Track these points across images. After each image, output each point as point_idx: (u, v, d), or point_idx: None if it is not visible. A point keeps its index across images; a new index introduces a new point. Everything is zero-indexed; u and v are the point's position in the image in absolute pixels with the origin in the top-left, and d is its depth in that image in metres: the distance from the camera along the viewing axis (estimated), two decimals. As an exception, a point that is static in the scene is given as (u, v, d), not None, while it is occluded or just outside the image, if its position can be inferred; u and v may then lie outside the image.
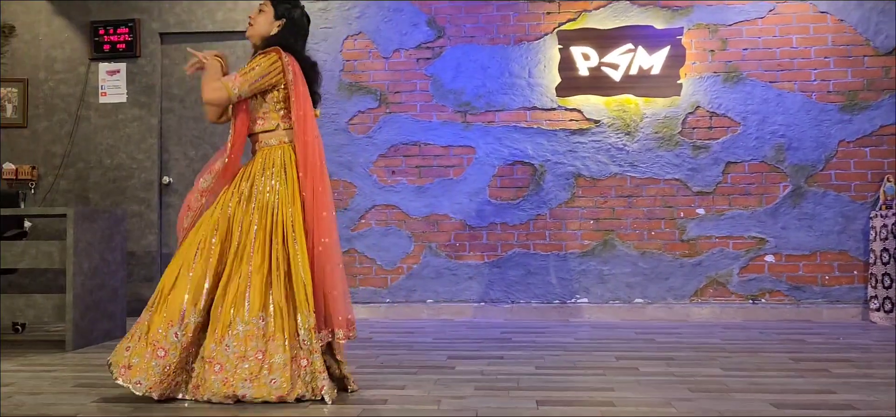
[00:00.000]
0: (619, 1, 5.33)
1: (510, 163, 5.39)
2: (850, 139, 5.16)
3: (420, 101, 5.47)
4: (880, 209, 5.00)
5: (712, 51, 5.27)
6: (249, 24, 3.04)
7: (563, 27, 5.36)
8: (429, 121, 5.45)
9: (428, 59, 5.47)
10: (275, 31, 2.99)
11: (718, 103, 5.26)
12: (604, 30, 5.31)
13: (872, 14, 5.16)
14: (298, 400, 2.70)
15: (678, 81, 5.25)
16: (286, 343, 2.71)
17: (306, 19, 3.10)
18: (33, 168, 5.63)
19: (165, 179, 5.64)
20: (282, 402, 2.67)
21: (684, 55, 5.25)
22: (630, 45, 5.26)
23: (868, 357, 3.65)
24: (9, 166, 5.59)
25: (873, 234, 4.99)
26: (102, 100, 5.67)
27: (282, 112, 2.97)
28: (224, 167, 2.96)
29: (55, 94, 5.70)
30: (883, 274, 4.86)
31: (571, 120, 5.36)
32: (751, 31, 5.24)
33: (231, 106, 2.99)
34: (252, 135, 3.04)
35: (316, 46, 5.51)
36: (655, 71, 5.26)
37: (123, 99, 5.66)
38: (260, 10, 3.02)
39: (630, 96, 5.29)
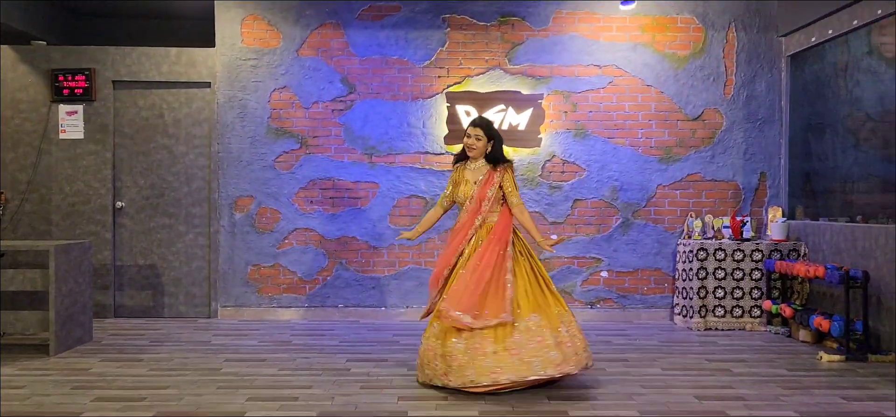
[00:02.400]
0: (494, 70, 6.71)
1: (407, 196, 6.73)
2: (666, 184, 6.74)
3: (334, 145, 6.74)
4: (684, 238, 6.61)
5: (566, 112, 6.73)
6: (472, 148, 4.55)
7: (450, 89, 6.71)
8: (341, 160, 6.73)
9: (341, 110, 6.73)
10: (489, 149, 4.58)
11: (569, 153, 6.73)
12: (482, 92, 6.68)
13: (684, 88, 6.72)
14: None
15: (539, 135, 6.69)
16: None
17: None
18: (1, 193, 6.62)
19: (119, 204, 6.73)
20: None
21: (544, 115, 6.68)
22: (502, 106, 6.66)
23: (761, 357, 5.20)
24: (-21, 191, 6.57)
25: (679, 257, 6.59)
26: (62, 136, 6.69)
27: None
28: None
29: (21, 131, 6.68)
30: (683, 288, 6.48)
31: (455, 163, 6.73)
32: (595, 98, 6.72)
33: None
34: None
35: (248, 96, 6.70)
36: (522, 127, 6.68)
37: (81, 136, 6.69)
38: (477, 139, 4.54)
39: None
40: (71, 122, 6.69)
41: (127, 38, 6.86)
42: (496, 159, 4.59)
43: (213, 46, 6.70)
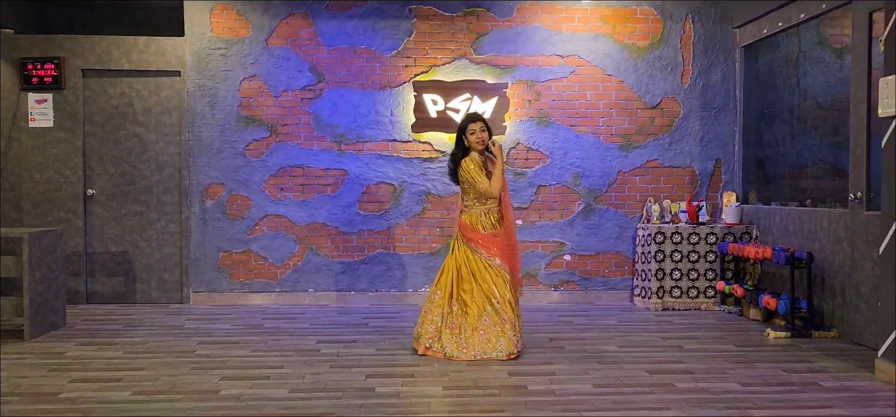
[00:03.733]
0: (460, 60, 6.88)
1: (375, 183, 6.90)
2: (626, 170, 6.99)
3: (304, 132, 6.87)
4: (643, 222, 6.87)
5: (530, 100, 6.94)
6: (481, 141, 4.86)
7: (417, 78, 6.87)
8: (311, 148, 6.87)
9: (310, 98, 6.86)
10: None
11: (533, 141, 6.95)
12: (449, 81, 6.86)
13: (644, 78, 6.96)
14: None
15: (504, 123, 6.88)
16: None
17: None
18: (-29, 181, 6.64)
19: (89, 191, 6.79)
20: None
21: (509, 103, 6.88)
22: (468, 94, 6.84)
23: (713, 334, 5.45)
24: (-51, 179, 6.59)
25: (638, 240, 6.86)
26: (32, 124, 6.72)
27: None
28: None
29: (-11, 119, 6.70)
30: (642, 270, 6.75)
31: (423, 150, 6.91)
32: (558, 87, 6.94)
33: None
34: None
35: (218, 85, 6.80)
36: (487, 115, 6.86)
37: (51, 124, 6.73)
38: (483, 130, 4.89)
39: (468, 133, 6.89)
40: (40, 111, 6.73)
41: (96, 27, 6.89)
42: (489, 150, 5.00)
43: (183, 35, 6.78)
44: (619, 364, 4.56)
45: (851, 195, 5.15)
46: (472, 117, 5.02)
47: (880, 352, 4.30)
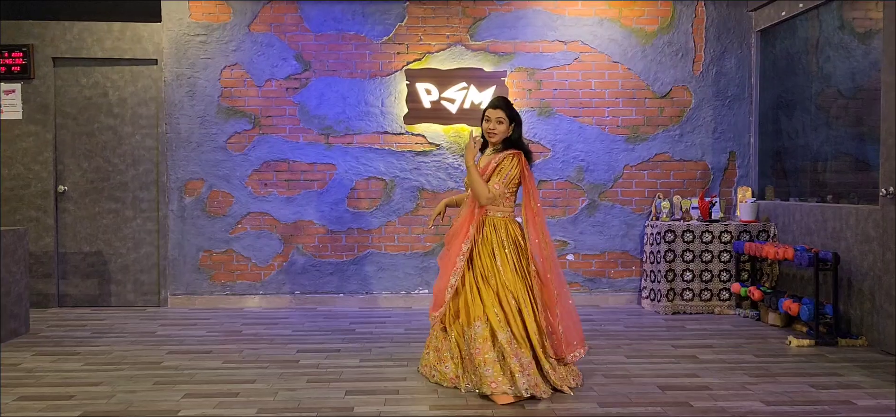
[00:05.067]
0: (455, 46, 6.43)
1: (365, 178, 6.46)
2: (633, 164, 6.54)
3: (289, 125, 6.43)
4: (651, 220, 6.42)
5: (530, 90, 6.48)
6: (494, 133, 3.95)
7: (410, 66, 6.42)
8: (296, 141, 6.43)
9: (296, 88, 6.42)
10: (510, 132, 3.98)
11: (534, 133, 6.49)
12: (443, 70, 6.41)
13: (652, 65, 6.50)
14: None
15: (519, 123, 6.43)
16: None
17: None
18: (-66, 177, 6.23)
19: (61, 188, 6.37)
20: None
21: (507, 93, 6.43)
22: (464, 84, 6.39)
23: (729, 342, 5.01)
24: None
25: (646, 239, 6.41)
26: (-1, 116, 6.31)
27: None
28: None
29: (-47, 111, 6.28)
30: (650, 270, 6.29)
31: (416, 143, 6.46)
32: (560, 75, 6.48)
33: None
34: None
35: (197, 74, 6.36)
36: (484, 105, 6.40)
37: (19, 116, 6.31)
38: (499, 121, 3.94)
39: (464, 125, 6.44)
40: (8, 102, 6.31)
41: (68, 13, 6.46)
42: (512, 143, 4.01)
43: (160, 21, 6.34)
44: (628, 379, 4.12)
45: (882, 190, 4.69)
46: (492, 103, 4.04)
47: (920, 366, 3.84)
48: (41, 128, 6.33)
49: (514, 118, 4.03)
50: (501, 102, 4.03)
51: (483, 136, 4.09)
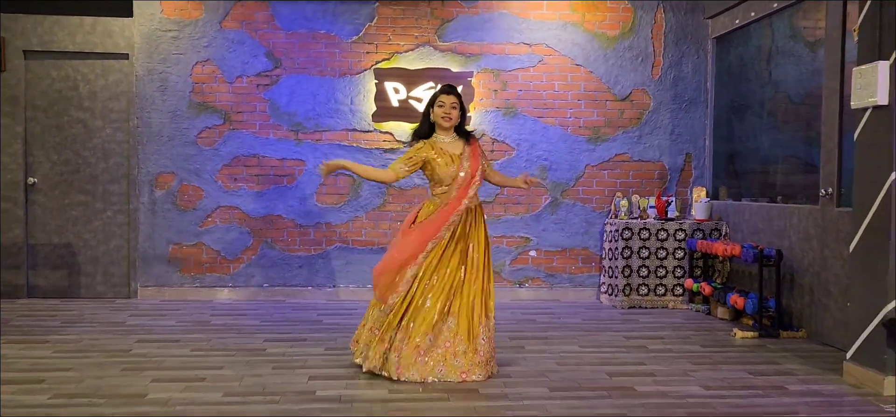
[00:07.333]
0: (424, 47, 6.61)
1: (334, 174, 6.60)
2: (594, 164, 6.77)
3: (259, 121, 6.56)
4: (611, 217, 6.66)
5: (496, 90, 6.69)
6: (449, 117, 4.08)
7: (379, 65, 6.59)
8: (266, 137, 6.56)
9: (266, 85, 6.55)
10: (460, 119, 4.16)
11: (499, 132, 6.70)
12: (411, 69, 6.58)
13: (613, 69, 6.74)
14: None
15: (469, 114, 6.61)
16: None
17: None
18: None
19: (31, 180, 6.43)
20: None
21: (474, 93, 6.62)
22: (432, 83, 6.57)
23: (678, 334, 5.23)
24: None
25: (605, 236, 6.64)
26: (-31, 108, 6.35)
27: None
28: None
29: (-77, 101, 6.31)
30: (609, 267, 6.53)
31: (384, 140, 6.63)
32: (525, 77, 6.70)
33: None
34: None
35: (169, 69, 6.47)
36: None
37: (-10, 108, 6.37)
38: (454, 107, 4.09)
39: (431, 123, 6.62)
40: (-22, 94, 6.35)
41: (39, 6, 6.52)
42: (466, 132, 4.21)
43: (131, 16, 6.43)
44: (580, 366, 4.34)
45: (822, 191, 4.97)
46: (445, 89, 4.16)
47: (849, 355, 4.11)
48: (11, 121, 6.39)
49: (464, 105, 4.23)
50: (454, 89, 4.19)
51: (430, 122, 4.15)
